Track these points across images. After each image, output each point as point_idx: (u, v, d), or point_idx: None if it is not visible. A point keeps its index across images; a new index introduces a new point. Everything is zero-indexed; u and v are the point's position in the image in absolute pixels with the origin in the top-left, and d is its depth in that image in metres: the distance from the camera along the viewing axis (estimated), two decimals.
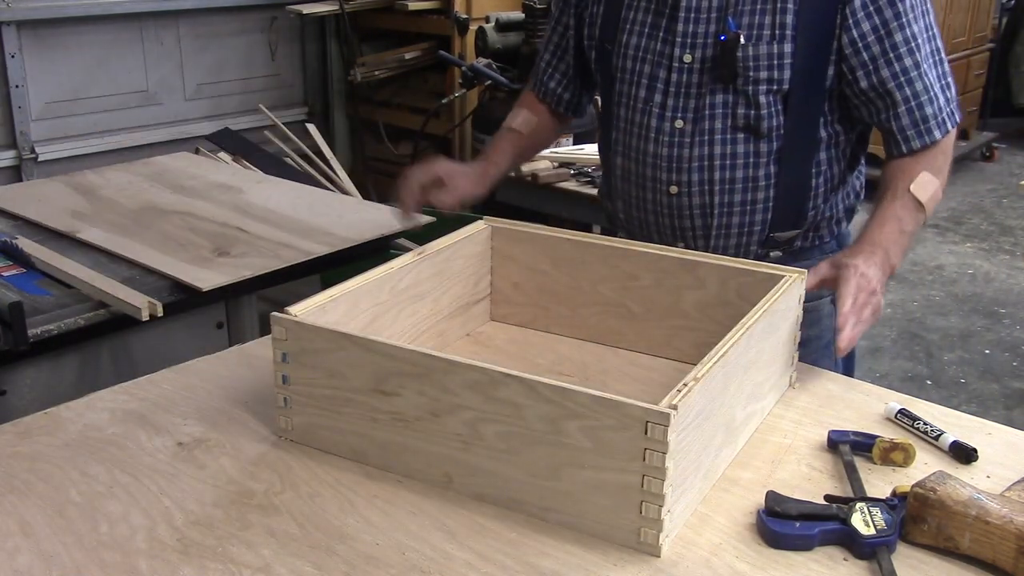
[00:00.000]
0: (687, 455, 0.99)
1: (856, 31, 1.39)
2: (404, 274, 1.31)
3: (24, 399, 1.64)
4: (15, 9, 3.81)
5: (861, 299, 1.30)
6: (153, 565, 0.96)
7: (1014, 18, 6.61)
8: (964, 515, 0.95)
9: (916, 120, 1.43)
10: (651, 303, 1.36)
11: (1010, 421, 2.53)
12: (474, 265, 1.44)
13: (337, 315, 1.20)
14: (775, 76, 1.41)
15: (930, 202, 1.43)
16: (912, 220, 1.42)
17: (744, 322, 1.13)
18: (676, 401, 0.95)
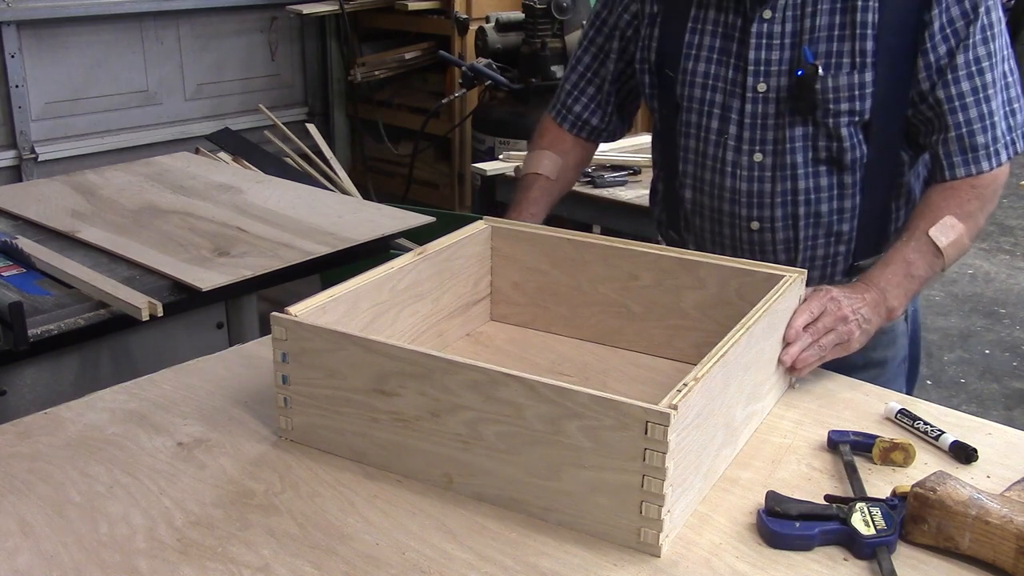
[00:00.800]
0: (687, 455, 0.99)
1: (933, 55, 1.33)
2: (404, 274, 1.31)
3: (24, 399, 1.64)
4: (15, 9, 3.81)
5: (825, 322, 1.25)
6: (153, 565, 0.96)
7: (1014, 18, 6.60)
8: (964, 515, 0.95)
9: (965, 147, 1.35)
10: (651, 303, 1.36)
11: (1010, 421, 2.54)
12: (474, 265, 1.44)
13: (337, 315, 1.19)
14: (856, 107, 1.35)
15: (950, 248, 1.34)
16: (925, 265, 1.34)
17: (744, 322, 1.13)
18: (676, 401, 0.94)
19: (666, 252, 1.35)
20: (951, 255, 1.35)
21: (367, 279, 1.26)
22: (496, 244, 1.46)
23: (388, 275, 1.28)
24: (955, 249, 1.35)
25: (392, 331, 1.29)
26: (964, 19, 1.32)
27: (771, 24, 1.37)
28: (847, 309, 1.25)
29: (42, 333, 1.60)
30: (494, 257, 1.47)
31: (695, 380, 0.99)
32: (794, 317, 1.24)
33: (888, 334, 1.45)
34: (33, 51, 3.91)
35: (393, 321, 1.30)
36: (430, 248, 1.36)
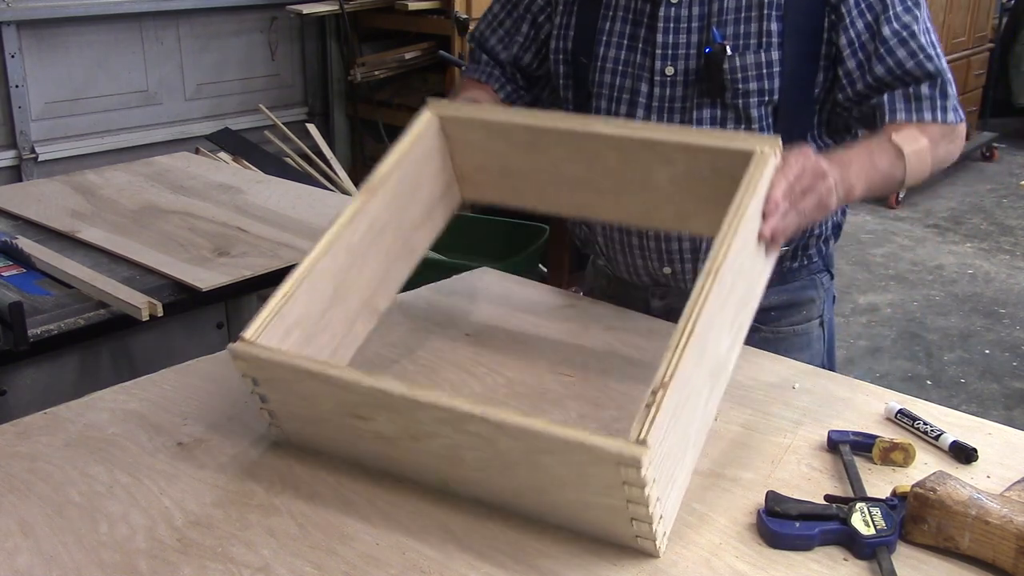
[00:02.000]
0: (668, 458, 0.96)
1: (852, 31, 1.34)
2: (357, 224, 1.22)
3: (24, 399, 1.64)
4: (15, 9, 3.81)
5: (803, 183, 1.16)
6: (153, 565, 0.96)
7: (1014, 18, 6.61)
8: (964, 515, 0.95)
9: (909, 96, 1.34)
10: (621, 180, 1.28)
11: (1010, 421, 2.53)
12: (433, 161, 1.35)
13: (296, 314, 1.15)
14: (765, 87, 1.36)
15: (913, 156, 1.30)
16: (886, 160, 1.29)
17: (714, 256, 1.04)
18: (644, 434, 0.90)
19: (628, 133, 1.24)
20: (913, 164, 1.30)
21: (317, 256, 1.18)
22: (450, 132, 1.36)
23: (339, 236, 1.20)
24: (917, 160, 1.31)
25: (364, 284, 1.23)
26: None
27: (679, 8, 1.38)
28: (824, 163, 1.19)
29: (42, 333, 1.60)
30: (451, 145, 1.37)
31: (662, 387, 0.93)
32: (772, 187, 1.14)
33: (802, 337, 1.45)
34: (33, 51, 3.91)
35: (361, 271, 1.24)
36: (380, 180, 1.26)
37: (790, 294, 1.52)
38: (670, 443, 0.96)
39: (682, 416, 0.99)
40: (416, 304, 1.58)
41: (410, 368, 1.36)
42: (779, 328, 1.51)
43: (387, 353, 1.40)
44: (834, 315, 1.61)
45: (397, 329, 1.48)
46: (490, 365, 1.36)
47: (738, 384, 1.31)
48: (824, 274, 1.56)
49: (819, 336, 1.54)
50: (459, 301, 1.58)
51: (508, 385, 1.31)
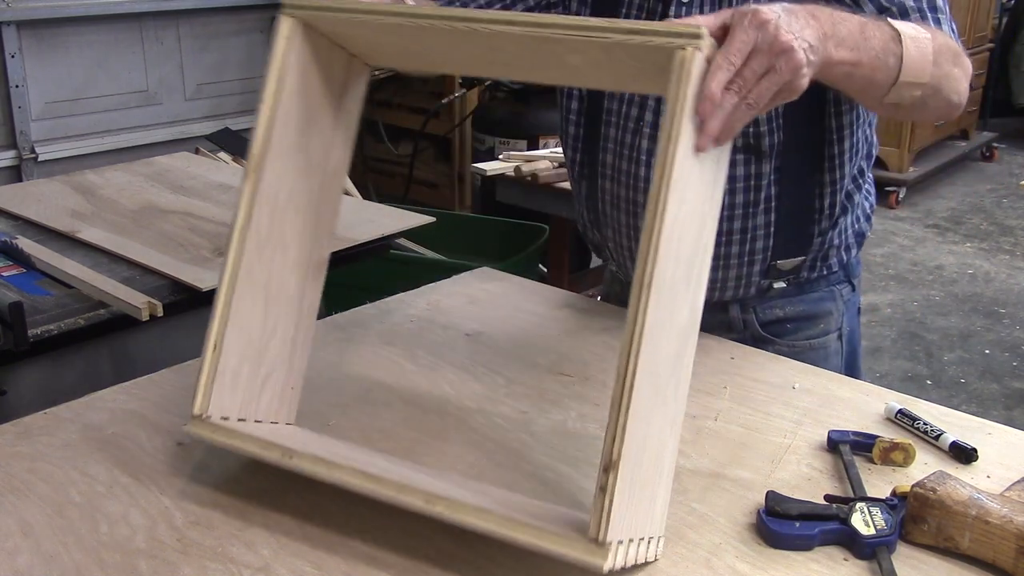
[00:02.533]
0: (636, 512, 0.91)
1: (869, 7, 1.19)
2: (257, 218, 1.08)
3: (24, 399, 1.64)
4: (15, 9, 3.81)
5: (757, 64, 0.89)
6: (153, 565, 0.96)
7: (1014, 18, 6.61)
8: (964, 515, 0.95)
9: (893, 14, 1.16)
10: (529, 63, 1.07)
11: (1010, 421, 2.53)
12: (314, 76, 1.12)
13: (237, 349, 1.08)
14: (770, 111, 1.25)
15: (912, 44, 1.06)
16: (881, 39, 1.04)
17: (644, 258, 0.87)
18: (603, 533, 0.86)
19: (528, 31, 0.97)
20: (911, 51, 1.07)
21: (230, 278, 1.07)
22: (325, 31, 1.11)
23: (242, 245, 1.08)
24: (917, 49, 1.07)
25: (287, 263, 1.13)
26: None
27: (690, 8, 1.31)
28: (786, 35, 0.90)
29: (42, 333, 1.60)
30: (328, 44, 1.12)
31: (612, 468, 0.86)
32: (709, 74, 0.88)
33: (819, 351, 1.40)
34: (33, 51, 3.92)
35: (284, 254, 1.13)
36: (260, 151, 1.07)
37: (807, 306, 1.45)
38: (636, 500, 0.92)
39: (644, 461, 0.92)
40: (416, 304, 1.58)
41: (410, 368, 1.36)
42: (795, 342, 1.45)
43: (387, 353, 1.40)
44: (858, 326, 1.53)
45: (397, 329, 1.48)
46: (490, 365, 1.36)
47: (738, 384, 1.31)
48: (844, 285, 1.47)
49: (837, 350, 1.47)
50: (459, 301, 1.58)
51: (508, 385, 1.31)
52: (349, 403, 1.27)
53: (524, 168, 3.22)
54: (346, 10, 1.05)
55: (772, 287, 1.41)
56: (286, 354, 1.16)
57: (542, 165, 3.20)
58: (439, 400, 1.27)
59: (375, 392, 1.29)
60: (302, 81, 1.10)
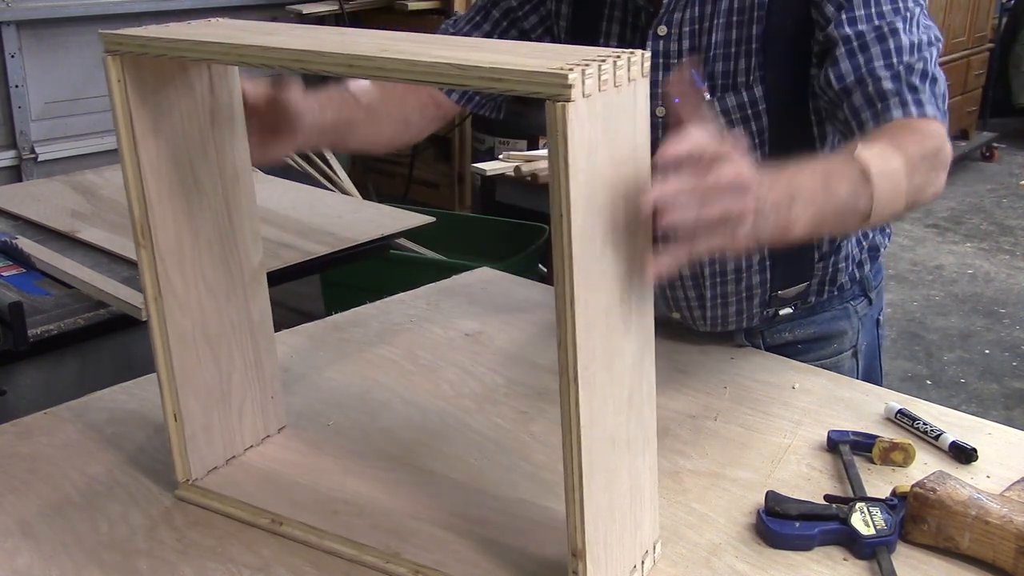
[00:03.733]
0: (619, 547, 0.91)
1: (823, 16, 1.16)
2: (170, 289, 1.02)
3: (24, 399, 1.64)
4: (15, 9, 3.81)
5: (721, 177, 0.82)
6: (153, 565, 0.96)
7: (1014, 18, 6.61)
8: (964, 515, 0.95)
9: (871, 97, 1.12)
10: None
11: (1010, 421, 2.53)
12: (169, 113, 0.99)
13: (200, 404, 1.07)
14: (752, 128, 1.22)
15: (881, 180, 0.99)
16: (848, 186, 0.98)
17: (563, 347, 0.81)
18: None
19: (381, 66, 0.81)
20: (881, 188, 0.99)
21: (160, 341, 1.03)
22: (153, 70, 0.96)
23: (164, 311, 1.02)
24: (888, 183, 1.00)
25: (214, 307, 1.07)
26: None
27: (667, 42, 1.23)
28: (749, 176, 0.84)
29: (42, 333, 1.60)
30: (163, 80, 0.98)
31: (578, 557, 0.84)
32: (668, 144, 0.81)
33: (831, 372, 1.34)
34: (33, 51, 3.91)
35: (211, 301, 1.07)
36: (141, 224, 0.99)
37: (817, 327, 1.39)
38: (616, 545, 0.91)
39: (616, 508, 0.90)
40: (416, 304, 1.58)
41: (410, 368, 1.36)
42: (803, 363, 1.38)
43: (387, 354, 1.40)
44: (877, 337, 1.47)
45: (397, 329, 1.48)
46: (490, 365, 1.36)
47: (738, 384, 1.31)
48: (860, 300, 1.41)
49: (851, 368, 1.41)
50: (459, 301, 1.58)
51: (508, 385, 1.31)
52: (349, 403, 1.26)
53: (524, 168, 3.22)
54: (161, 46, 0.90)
55: (778, 314, 1.37)
56: (252, 375, 1.14)
57: (542, 165, 3.20)
58: (439, 400, 1.27)
59: (375, 392, 1.29)
60: (156, 117, 0.98)
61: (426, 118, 1.38)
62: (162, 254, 1.00)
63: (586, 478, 0.84)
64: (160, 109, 0.97)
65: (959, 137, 6.18)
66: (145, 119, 0.96)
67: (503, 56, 0.79)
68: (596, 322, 0.82)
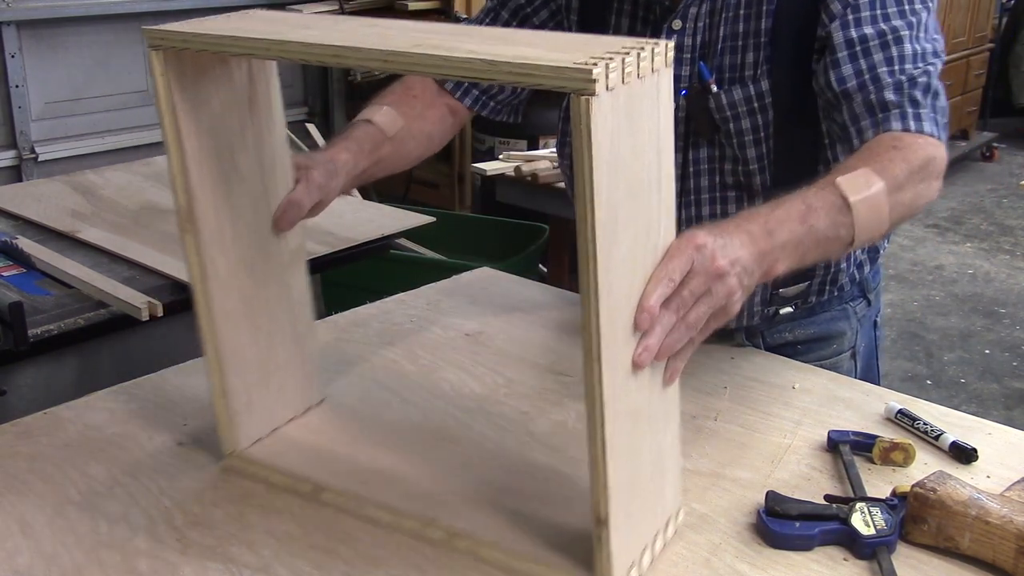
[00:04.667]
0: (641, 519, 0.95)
1: (829, 19, 1.17)
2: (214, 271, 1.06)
3: (24, 399, 1.64)
4: (15, 9, 3.81)
5: (693, 287, 0.89)
6: (153, 565, 0.96)
7: (1014, 18, 6.61)
8: (964, 515, 0.95)
9: (872, 105, 1.13)
10: None
11: (1010, 421, 2.53)
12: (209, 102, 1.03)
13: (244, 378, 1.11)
14: (758, 122, 1.22)
15: (863, 207, 1.02)
16: (826, 218, 1.01)
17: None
18: None
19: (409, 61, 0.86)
20: (862, 215, 1.02)
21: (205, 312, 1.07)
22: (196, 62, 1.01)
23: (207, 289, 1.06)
24: (869, 211, 1.03)
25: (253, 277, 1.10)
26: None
27: (681, 36, 1.25)
28: (722, 260, 0.90)
29: (42, 333, 1.60)
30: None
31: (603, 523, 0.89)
32: (647, 287, 0.87)
33: (829, 373, 1.34)
34: (33, 51, 3.91)
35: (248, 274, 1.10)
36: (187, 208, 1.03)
37: (817, 328, 1.40)
38: (639, 515, 0.94)
39: (639, 479, 0.93)
40: (416, 304, 1.58)
41: (410, 368, 1.36)
42: (803, 364, 1.38)
43: (388, 354, 1.40)
44: (874, 339, 1.49)
45: (397, 329, 1.48)
46: (490, 365, 1.36)
47: (738, 384, 1.31)
48: (859, 301, 1.42)
49: (849, 369, 1.42)
50: (459, 301, 1.58)
51: (508, 385, 1.31)
52: (350, 403, 1.26)
53: (524, 168, 3.22)
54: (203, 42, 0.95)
55: (778, 313, 1.37)
56: (293, 350, 1.18)
57: (542, 165, 3.20)
58: (439, 400, 1.27)
59: (375, 392, 1.29)
60: (197, 107, 1.01)
61: (445, 128, 1.43)
62: (205, 239, 1.04)
63: (610, 451, 0.86)
64: (200, 99, 1.01)
65: (959, 137, 6.18)
66: (187, 110, 1.00)
67: (531, 50, 0.82)
68: (619, 305, 0.84)
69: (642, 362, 0.87)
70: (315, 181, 1.14)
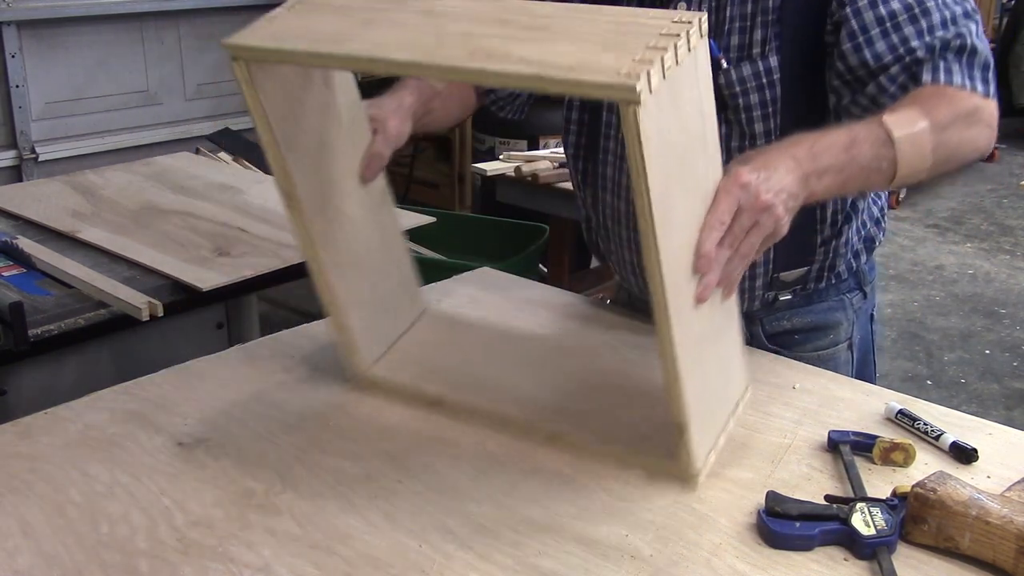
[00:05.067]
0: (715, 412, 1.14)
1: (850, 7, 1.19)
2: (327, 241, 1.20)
3: (24, 399, 1.64)
4: (15, 9, 3.81)
5: (743, 221, 1.00)
6: (153, 565, 0.96)
7: (1014, 18, 6.61)
8: (964, 515, 0.95)
9: (904, 72, 1.17)
10: None
11: (1010, 421, 2.53)
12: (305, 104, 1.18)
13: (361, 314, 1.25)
14: (766, 97, 1.26)
15: (906, 144, 1.08)
16: (870, 149, 1.07)
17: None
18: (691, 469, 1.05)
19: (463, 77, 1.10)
20: (905, 150, 1.08)
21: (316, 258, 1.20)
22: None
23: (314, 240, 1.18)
24: (912, 148, 1.09)
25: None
26: None
27: (691, 6, 1.29)
28: (766, 194, 1.01)
29: (42, 333, 1.60)
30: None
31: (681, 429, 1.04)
32: (702, 234, 0.99)
33: (828, 363, 1.36)
34: (33, 51, 3.92)
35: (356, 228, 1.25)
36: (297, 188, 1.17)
37: (815, 316, 1.42)
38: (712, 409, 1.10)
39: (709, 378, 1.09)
40: None
41: None
42: (802, 354, 1.41)
43: (388, 354, 1.40)
44: (871, 333, 1.51)
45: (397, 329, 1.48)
46: None
47: None
48: (855, 293, 1.44)
49: (847, 360, 1.44)
50: (459, 301, 1.58)
51: None
52: (350, 402, 1.26)
53: (524, 168, 3.22)
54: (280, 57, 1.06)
55: (778, 299, 1.39)
56: (395, 276, 1.35)
57: (542, 165, 3.20)
58: (438, 399, 1.27)
59: (375, 392, 1.29)
60: (279, 96, 1.12)
61: (476, 96, 1.53)
62: (310, 212, 1.17)
63: (683, 377, 1.00)
64: (279, 84, 1.11)
65: None
66: (270, 98, 1.10)
67: (576, 50, 0.91)
68: (679, 255, 0.96)
69: (704, 297, 1.00)
70: (391, 132, 1.26)
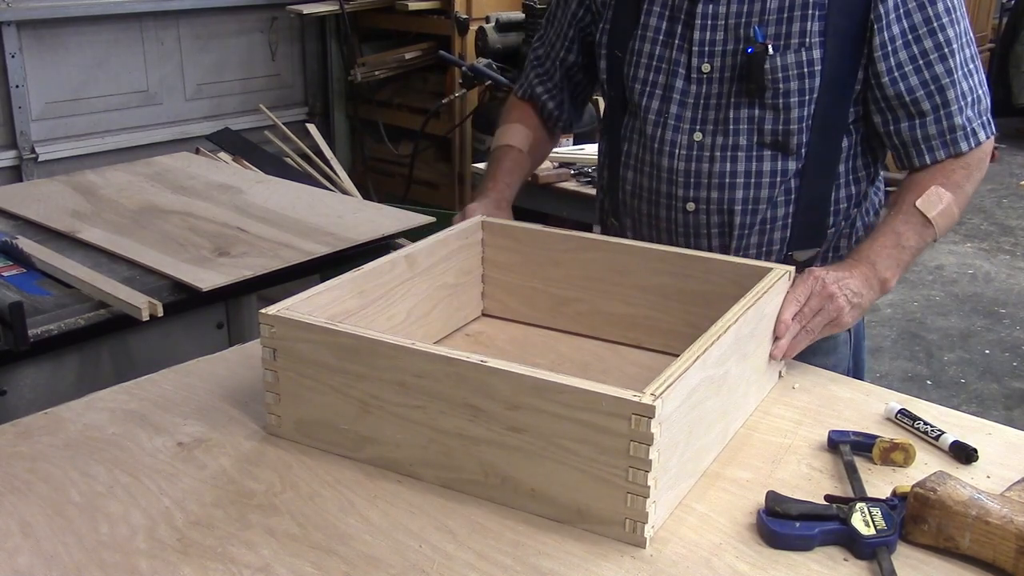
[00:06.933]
0: (672, 447, 0.99)
1: (887, 33, 1.34)
2: (391, 269, 1.32)
3: (24, 399, 1.64)
4: (15, 9, 3.81)
5: (812, 305, 1.27)
6: (153, 565, 0.96)
7: (1014, 18, 6.61)
8: (964, 515, 0.95)
9: (943, 130, 1.37)
10: (645, 297, 1.37)
11: (1010, 421, 2.54)
12: (465, 260, 1.45)
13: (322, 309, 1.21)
14: (806, 86, 1.36)
15: (940, 218, 1.36)
16: (914, 235, 1.36)
17: (731, 315, 1.13)
18: (659, 391, 0.95)
19: (658, 248, 1.37)
20: (941, 224, 1.37)
21: (355, 274, 1.28)
22: (487, 238, 1.47)
23: (375, 270, 1.30)
24: (944, 219, 1.37)
25: (381, 326, 1.30)
26: (918, 2, 1.34)
27: (716, 5, 1.37)
28: (833, 286, 1.27)
29: (42, 333, 1.60)
30: (485, 251, 1.48)
31: (680, 371, 1.00)
32: (782, 309, 1.26)
33: (829, 341, 1.41)
34: (33, 51, 3.92)
35: (375, 317, 1.30)
36: (419, 255, 1.37)
37: None
38: (677, 433, 1.00)
39: (690, 419, 1.02)
40: None
41: None
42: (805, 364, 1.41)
43: None
44: (861, 324, 1.56)
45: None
46: None
47: None
48: None
49: (845, 340, 1.50)
50: None
51: None
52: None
53: None
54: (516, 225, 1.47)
55: None
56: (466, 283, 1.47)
57: (542, 165, 3.20)
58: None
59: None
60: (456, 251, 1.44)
61: (549, 132, 1.70)
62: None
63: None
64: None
65: None
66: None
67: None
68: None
69: (776, 356, 1.26)
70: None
